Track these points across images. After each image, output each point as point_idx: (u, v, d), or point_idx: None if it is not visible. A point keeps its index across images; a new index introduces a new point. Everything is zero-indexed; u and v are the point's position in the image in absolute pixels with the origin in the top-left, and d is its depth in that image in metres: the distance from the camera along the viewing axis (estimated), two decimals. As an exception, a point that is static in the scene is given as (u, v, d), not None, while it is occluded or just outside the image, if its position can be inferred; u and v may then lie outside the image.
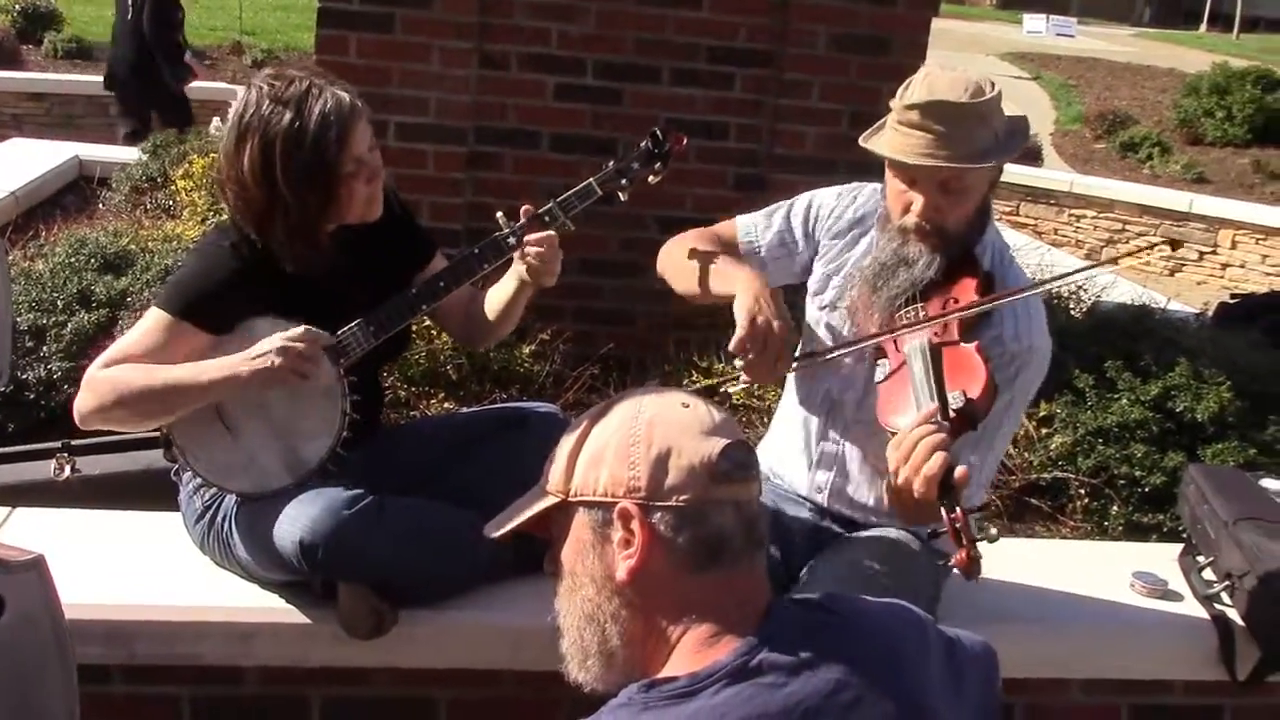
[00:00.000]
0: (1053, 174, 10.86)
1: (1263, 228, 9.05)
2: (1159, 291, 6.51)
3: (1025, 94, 17.92)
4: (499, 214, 2.38)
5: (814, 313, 2.37)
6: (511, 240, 2.34)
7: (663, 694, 1.25)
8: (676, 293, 2.39)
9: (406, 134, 3.83)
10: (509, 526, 1.43)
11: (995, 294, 2.15)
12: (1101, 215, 9.66)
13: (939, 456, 1.82)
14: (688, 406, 1.36)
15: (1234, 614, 2.64)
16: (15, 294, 3.38)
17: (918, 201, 2.13)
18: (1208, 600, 2.70)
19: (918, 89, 2.09)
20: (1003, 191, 9.86)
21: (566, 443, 1.38)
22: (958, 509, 1.80)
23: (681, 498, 1.29)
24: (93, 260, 3.56)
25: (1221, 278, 9.06)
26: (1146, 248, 2.23)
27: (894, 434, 1.95)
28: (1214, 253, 9.21)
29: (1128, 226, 9.46)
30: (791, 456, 2.44)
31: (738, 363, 2.09)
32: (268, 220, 2.23)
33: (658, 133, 2.40)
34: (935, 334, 2.07)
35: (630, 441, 1.32)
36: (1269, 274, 8.86)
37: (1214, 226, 9.20)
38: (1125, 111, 15.16)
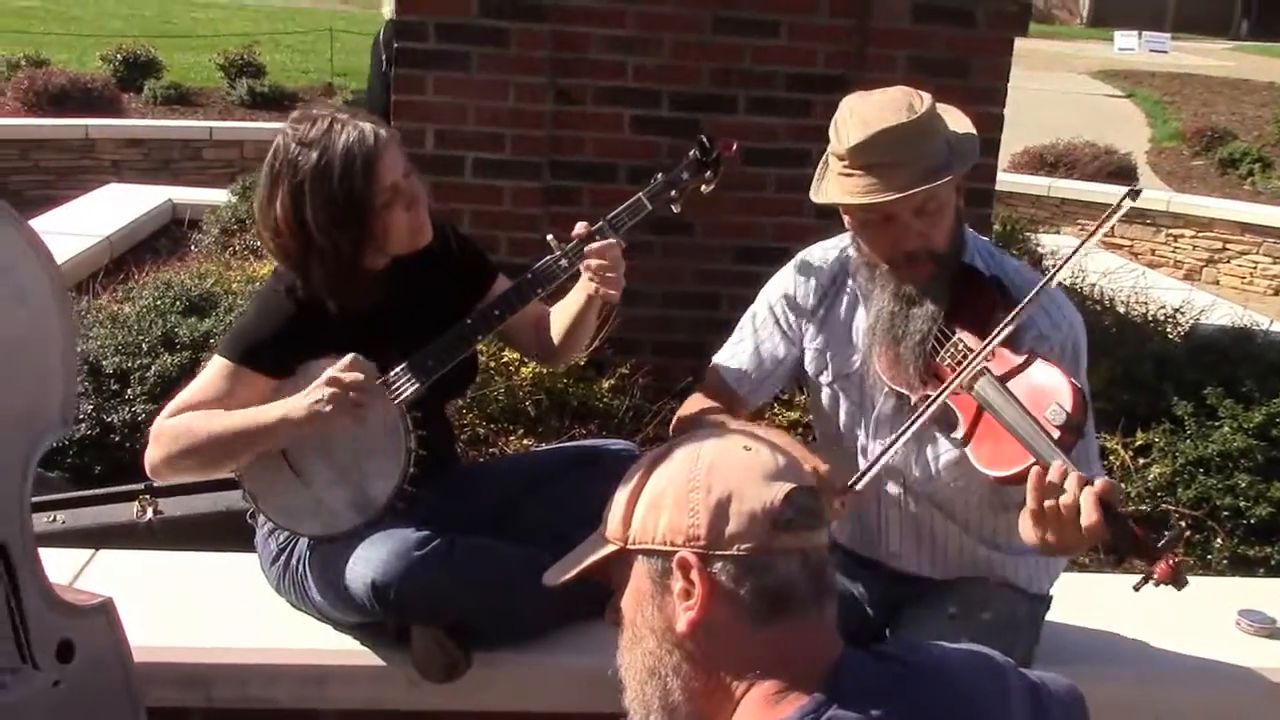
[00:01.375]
0: (1149, 192, 10.55)
1: (1371, 244, 8.72)
2: (1264, 312, 6.29)
3: (1119, 112, 17.56)
4: (549, 237, 2.35)
5: (825, 394, 2.27)
6: (564, 262, 2.32)
7: None
8: None
9: (483, 170, 3.85)
10: (569, 575, 1.39)
11: (1015, 301, 2.04)
12: (1200, 234, 9.37)
13: (1087, 499, 1.74)
14: (749, 450, 1.30)
15: (1348, 654, 2.51)
16: (102, 337, 3.45)
17: (901, 237, 2.03)
18: (1320, 639, 2.57)
19: (851, 127, 2.00)
20: (1097, 212, 9.56)
21: (625, 487, 1.34)
22: (1133, 525, 1.74)
23: (743, 546, 1.23)
24: (177, 303, 3.61)
25: (1330, 297, 8.74)
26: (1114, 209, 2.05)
27: (1003, 481, 1.89)
28: (1322, 271, 8.89)
29: (1228, 245, 9.16)
30: (856, 529, 2.34)
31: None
32: (306, 264, 2.24)
33: (704, 140, 2.36)
34: (992, 366, 1.97)
35: (690, 487, 1.26)
36: (1379, 292, 8.53)
37: (1319, 244, 8.88)
38: (1223, 127, 14.75)
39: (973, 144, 2.09)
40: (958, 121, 2.11)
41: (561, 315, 2.44)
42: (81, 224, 5.89)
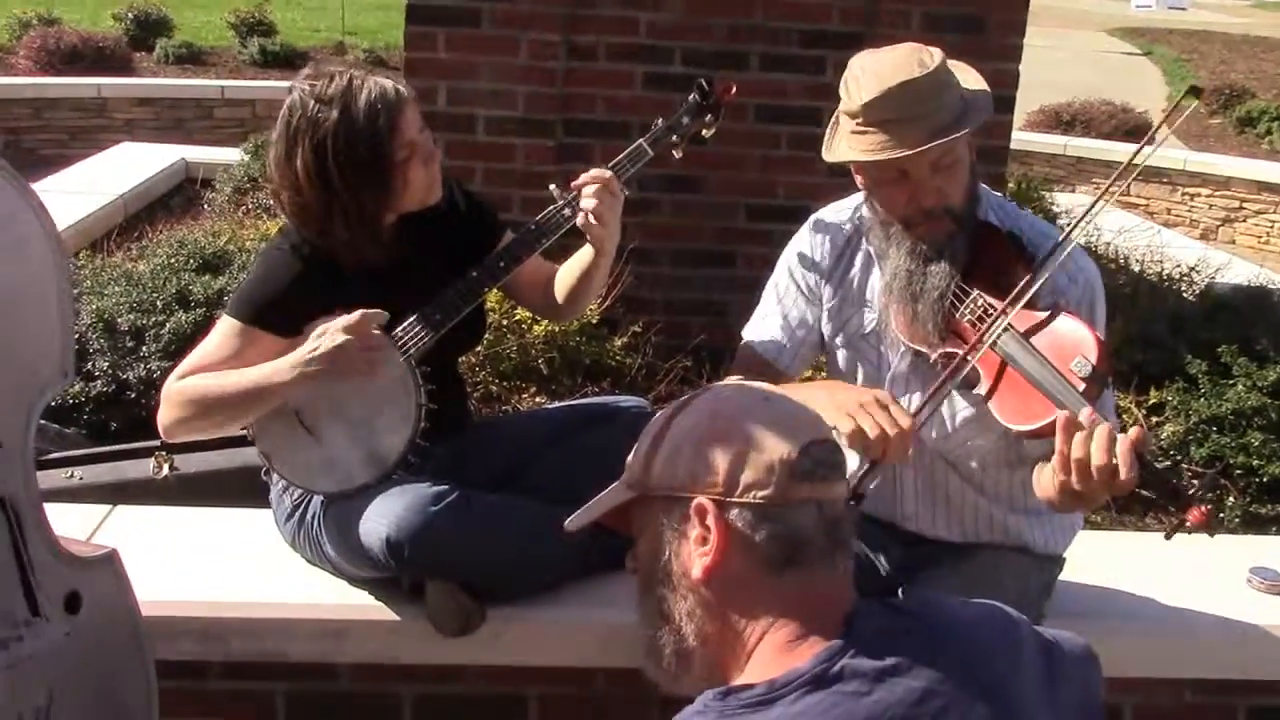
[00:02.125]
0: (1165, 151, 10.47)
1: (1389, 203, 8.65)
2: (1278, 271, 6.24)
3: (1137, 70, 17.38)
4: (551, 187, 2.35)
5: (841, 356, 2.27)
6: (567, 211, 2.31)
7: (740, 701, 1.21)
8: None
9: (495, 128, 3.84)
10: (587, 519, 1.41)
11: (1038, 252, 2.04)
12: (1217, 193, 9.29)
13: (1122, 446, 1.71)
14: (769, 401, 1.33)
15: (1360, 611, 2.51)
16: (117, 295, 3.46)
17: (917, 193, 2.01)
18: (1331, 597, 2.57)
19: (865, 84, 1.97)
20: (1112, 171, 9.51)
21: (647, 436, 1.36)
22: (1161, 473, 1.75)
23: (760, 494, 1.25)
24: (191, 261, 3.62)
25: (1347, 256, 8.67)
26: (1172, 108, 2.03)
27: (1028, 435, 1.89)
28: (1338, 229, 8.83)
29: (1245, 205, 9.09)
30: (871, 490, 2.34)
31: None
32: (328, 221, 2.24)
33: (704, 83, 2.35)
34: (1014, 321, 1.96)
35: (710, 436, 1.29)
36: (1396, 251, 8.47)
37: (1339, 203, 8.81)
38: (1242, 85, 14.59)
39: (986, 99, 2.07)
40: (969, 78, 2.08)
41: (567, 272, 2.44)
42: (95, 183, 5.91)
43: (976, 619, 1.36)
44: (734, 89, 2.38)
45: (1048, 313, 1.97)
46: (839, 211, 2.29)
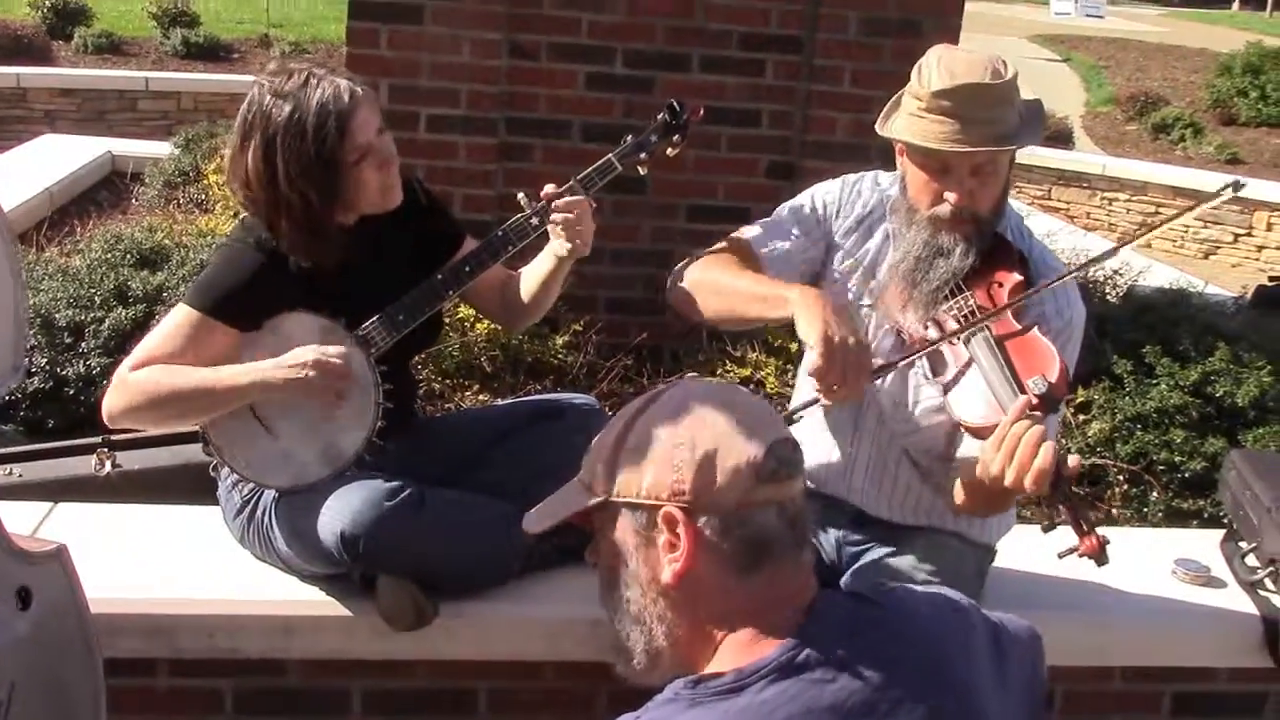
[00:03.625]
0: (1085, 156, 10.75)
1: (1299, 209, 8.94)
2: (1194, 275, 6.44)
3: (1055, 76, 17.73)
4: (520, 195, 2.37)
5: None
6: (535, 221, 2.34)
7: (709, 690, 1.24)
8: (704, 320, 2.32)
9: (437, 126, 3.83)
10: (548, 523, 1.41)
11: (1040, 278, 2.13)
12: (1135, 198, 9.55)
13: (1047, 449, 1.79)
14: (733, 402, 1.34)
15: (1278, 600, 2.61)
16: (54, 290, 3.41)
17: (952, 189, 2.09)
18: (1251, 586, 2.68)
19: (938, 73, 2.06)
20: (1034, 175, 9.78)
21: (607, 439, 1.36)
22: (1072, 497, 1.80)
23: (726, 500, 1.27)
24: (128, 256, 3.58)
25: (1257, 260, 8.94)
26: (1196, 206, 2.16)
27: (971, 430, 1.96)
28: (1249, 235, 9.09)
29: (1161, 209, 9.34)
30: (823, 462, 2.40)
31: (813, 385, 2.04)
32: (275, 217, 2.24)
33: (674, 104, 2.40)
34: (992, 324, 2.04)
35: (674, 442, 1.29)
36: (1306, 255, 8.76)
37: (1249, 209, 9.06)
38: (1157, 93, 14.97)
39: (1039, 118, 2.15)
40: (1032, 105, 2.16)
41: (530, 276, 2.46)
42: (20, 175, 5.79)
43: (929, 603, 1.41)
44: (702, 111, 2.43)
45: (1024, 326, 2.04)
46: (866, 182, 2.33)
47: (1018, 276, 2.11)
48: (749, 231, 2.33)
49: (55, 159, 6.19)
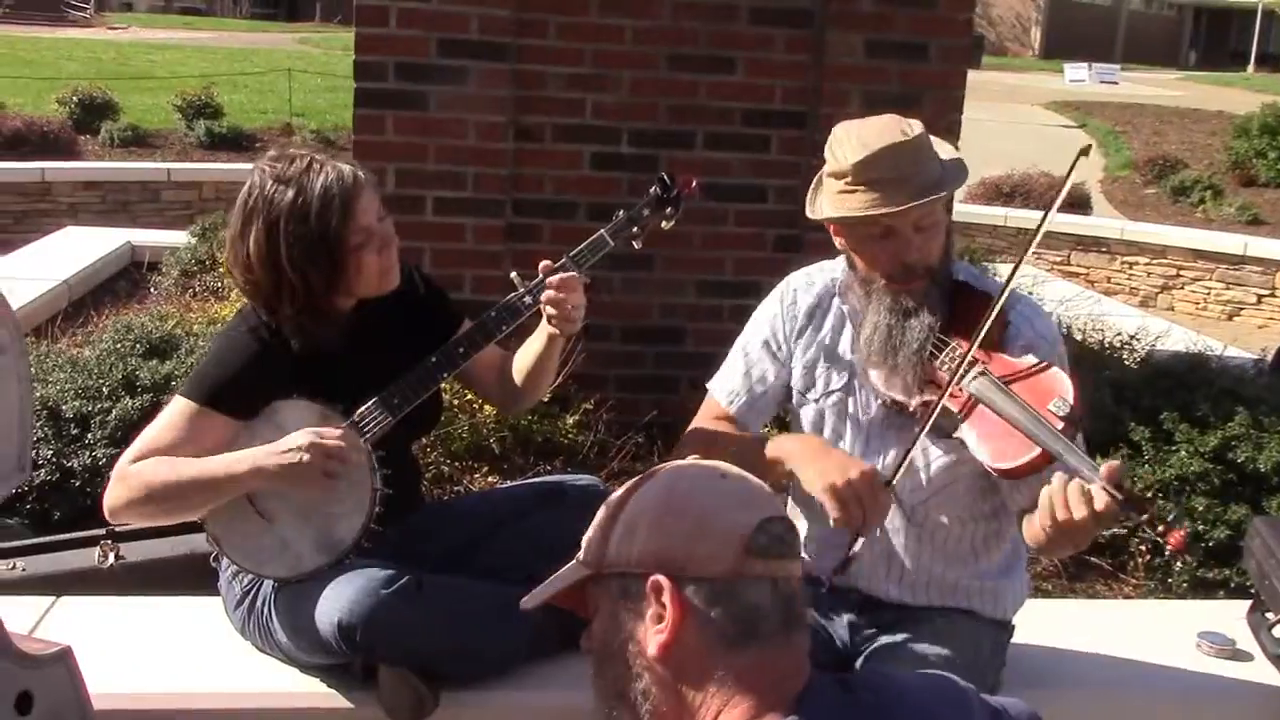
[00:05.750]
0: (1103, 221, 10.75)
1: (1321, 268, 8.88)
2: (1217, 336, 6.38)
3: (1072, 142, 17.78)
4: (513, 275, 2.37)
5: (811, 412, 2.30)
6: (528, 299, 2.33)
7: None
8: None
9: (445, 209, 3.86)
10: (543, 598, 1.40)
11: (1004, 313, 2.10)
12: (1155, 261, 9.51)
13: (1098, 496, 1.76)
14: (725, 477, 1.34)
15: (1308, 673, 2.54)
16: (61, 381, 3.42)
17: (902, 249, 2.10)
18: (1278, 659, 2.60)
19: (849, 147, 2.08)
20: (1052, 241, 9.77)
21: (603, 514, 1.36)
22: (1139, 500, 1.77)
23: (715, 571, 1.26)
24: (138, 346, 3.59)
25: (1282, 320, 8.88)
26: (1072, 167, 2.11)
27: (1005, 473, 1.94)
28: (1273, 295, 9.02)
29: (1182, 272, 9.30)
30: (826, 546, 2.32)
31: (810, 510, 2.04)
32: (275, 301, 2.24)
33: (665, 177, 2.39)
34: (992, 368, 2.03)
35: (665, 512, 1.30)
36: (1331, 315, 8.68)
37: (1271, 269, 9.02)
38: (1175, 156, 15.01)
39: (962, 166, 2.18)
40: (943, 148, 2.19)
41: (524, 356, 2.45)
42: (39, 267, 5.85)
43: (926, 690, 1.37)
44: (695, 183, 2.43)
45: (1022, 360, 2.04)
46: (810, 274, 2.35)
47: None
48: (716, 388, 2.36)
49: (75, 251, 6.26)
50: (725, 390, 2.34)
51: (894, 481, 2.05)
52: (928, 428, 2.06)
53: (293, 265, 2.20)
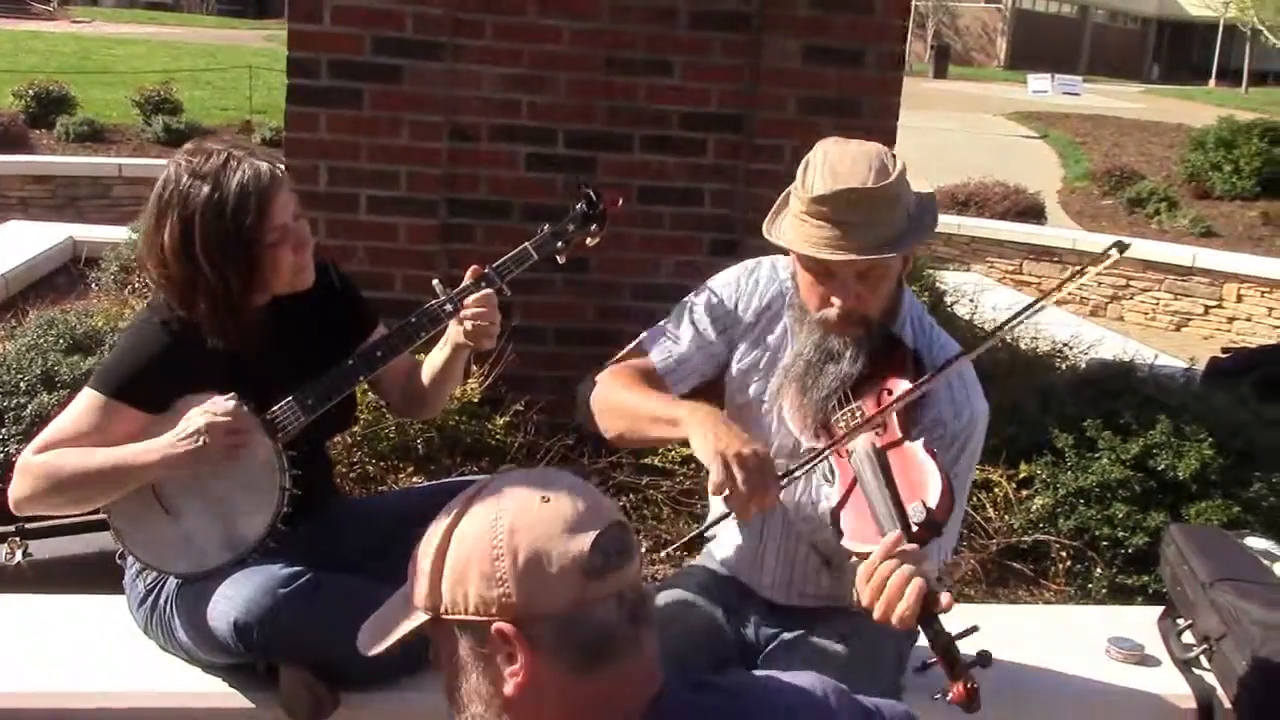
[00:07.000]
0: (1056, 231, 10.84)
1: (1267, 280, 8.95)
2: (1165, 347, 6.43)
3: (1033, 152, 17.97)
4: (435, 281, 2.36)
5: (739, 408, 2.26)
6: (449, 307, 2.32)
7: None
8: (611, 440, 2.26)
9: (378, 208, 3.83)
10: (385, 645, 1.36)
11: (925, 376, 2.03)
12: (1105, 272, 9.55)
13: (913, 590, 1.70)
14: (548, 501, 1.26)
15: (1212, 678, 2.56)
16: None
17: (838, 294, 2.03)
18: (1186, 665, 2.63)
19: (820, 175, 1.99)
20: (1005, 250, 9.83)
21: (427, 552, 1.29)
22: (942, 636, 1.70)
23: (558, 607, 1.22)
24: (60, 341, 3.54)
25: (1229, 331, 8.96)
26: (1086, 265, 2.08)
27: (853, 552, 1.85)
28: (1220, 306, 9.12)
29: (1131, 282, 9.39)
30: (734, 552, 2.35)
31: (718, 502, 1.98)
32: (190, 296, 2.21)
33: (591, 194, 2.39)
34: (878, 435, 1.95)
35: (494, 554, 1.23)
36: (1276, 326, 8.76)
37: (1218, 280, 9.11)
38: (1133, 168, 15.15)
39: (932, 216, 2.09)
40: (920, 184, 2.10)
41: (431, 364, 2.44)
42: (-24, 261, 5.79)
43: (788, 688, 1.37)
44: (620, 201, 2.42)
45: (912, 435, 1.96)
46: (775, 270, 2.27)
47: (906, 384, 2.01)
48: (647, 341, 2.30)
49: (15, 245, 6.19)
50: (661, 351, 2.26)
51: (783, 483, 1.99)
52: (806, 469, 2.01)
53: (210, 262, 2.18)
